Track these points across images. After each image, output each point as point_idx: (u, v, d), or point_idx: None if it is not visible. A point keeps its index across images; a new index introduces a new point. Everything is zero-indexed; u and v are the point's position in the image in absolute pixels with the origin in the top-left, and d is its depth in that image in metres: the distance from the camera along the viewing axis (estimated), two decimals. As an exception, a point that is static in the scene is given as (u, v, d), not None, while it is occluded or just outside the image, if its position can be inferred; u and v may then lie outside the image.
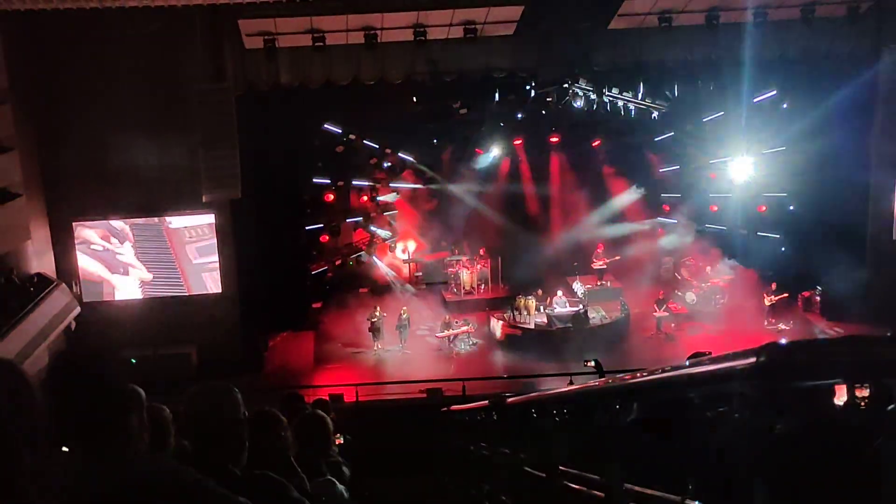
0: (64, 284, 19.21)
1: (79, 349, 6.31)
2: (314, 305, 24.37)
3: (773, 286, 22.88)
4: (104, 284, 20.69)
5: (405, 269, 26.45)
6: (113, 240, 20.58)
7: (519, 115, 25.04)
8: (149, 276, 20.82)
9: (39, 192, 19.61)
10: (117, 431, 2.73)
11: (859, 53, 20.44)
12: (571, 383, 13.81)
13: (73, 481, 2.57)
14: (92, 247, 20.50)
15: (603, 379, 8.63)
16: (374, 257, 26.00)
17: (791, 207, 24.57)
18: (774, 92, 22.79)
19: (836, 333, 20.52)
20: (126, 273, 20.76)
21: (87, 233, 20.50)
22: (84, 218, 20.31)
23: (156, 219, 20.61)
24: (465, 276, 25.00)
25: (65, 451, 2.66)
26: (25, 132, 18.61)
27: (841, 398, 3.79)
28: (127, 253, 20.68)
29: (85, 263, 20.45)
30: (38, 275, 18.85)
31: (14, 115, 17.88)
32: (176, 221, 20.64)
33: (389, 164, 25.75)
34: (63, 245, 20.26)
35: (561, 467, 5.55)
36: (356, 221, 25.85)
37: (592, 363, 14.54)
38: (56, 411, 2.63)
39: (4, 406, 2.10)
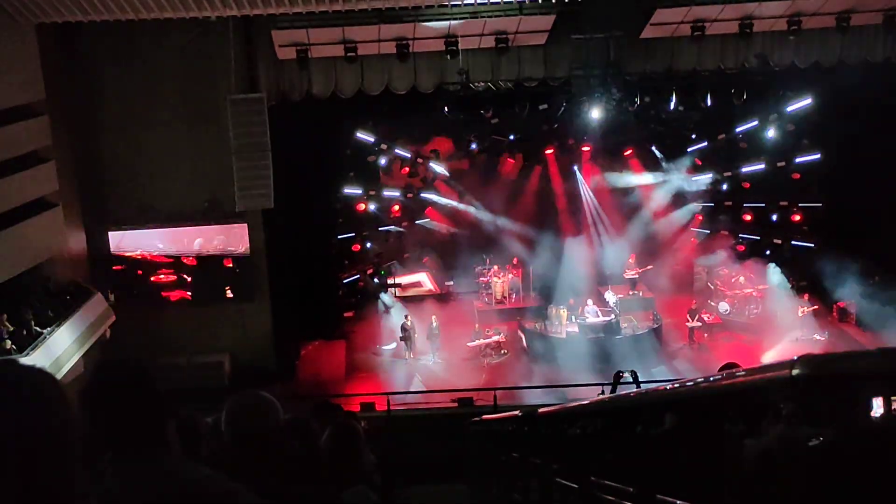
0: (99, 294, 19.40)
1: (116, 358, 6.36)
2: (346, 314, 24.44)
3: (806, 297, 22.63)
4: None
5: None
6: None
7: (551, 125, 24.94)
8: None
9: (75, 201, 19.87)
10: (156, 439, 2.75)
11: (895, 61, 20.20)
12: (602, 393, 13.72)
13: (112, 489, 2.59)
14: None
15: (636, 390, 8.57)
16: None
17: (826, 216, 24.29)
18: (809, 101, 22.52)
19: (871, 345, 20.23)
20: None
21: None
22: (119, 227, 20.54)
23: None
24: (497, 285, 24.90)
25: (102, 460, 2.69)
26: (62, 143, 18.87)
27: (878, 411, 3.74)
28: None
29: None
30: (74, 283, 19.09)
31: (51, 127, 18.14)
32: (209, 230, 20.83)
33: (421, 174, 25.76)
34: (98, 254, 20.49)
35: (593, 478, 5.53)
36: (388, 230, 25.90)
37: (627, 374, 14.42)
38: (95, 420, 2.66)
39: (42, 416, 2.11)
